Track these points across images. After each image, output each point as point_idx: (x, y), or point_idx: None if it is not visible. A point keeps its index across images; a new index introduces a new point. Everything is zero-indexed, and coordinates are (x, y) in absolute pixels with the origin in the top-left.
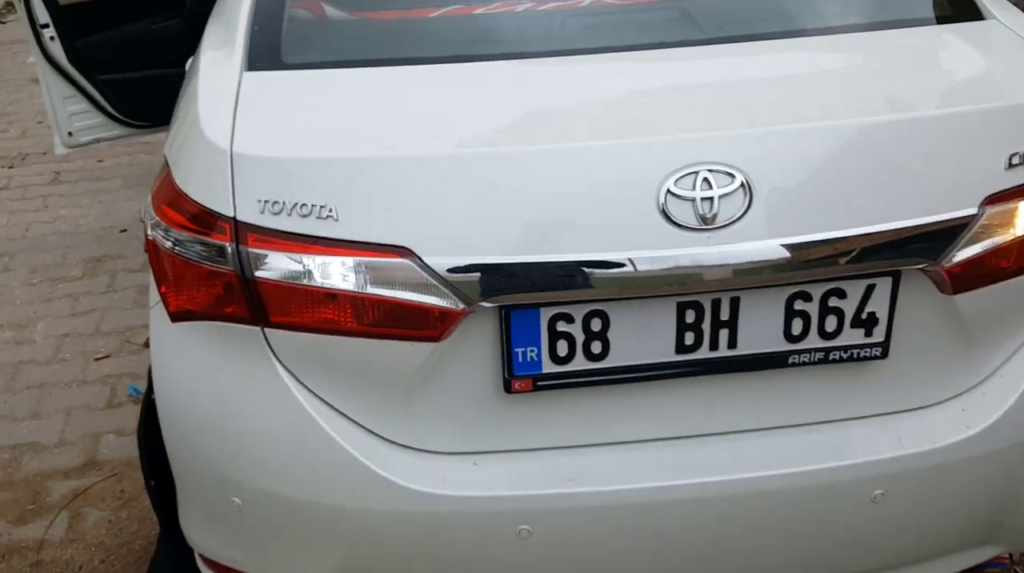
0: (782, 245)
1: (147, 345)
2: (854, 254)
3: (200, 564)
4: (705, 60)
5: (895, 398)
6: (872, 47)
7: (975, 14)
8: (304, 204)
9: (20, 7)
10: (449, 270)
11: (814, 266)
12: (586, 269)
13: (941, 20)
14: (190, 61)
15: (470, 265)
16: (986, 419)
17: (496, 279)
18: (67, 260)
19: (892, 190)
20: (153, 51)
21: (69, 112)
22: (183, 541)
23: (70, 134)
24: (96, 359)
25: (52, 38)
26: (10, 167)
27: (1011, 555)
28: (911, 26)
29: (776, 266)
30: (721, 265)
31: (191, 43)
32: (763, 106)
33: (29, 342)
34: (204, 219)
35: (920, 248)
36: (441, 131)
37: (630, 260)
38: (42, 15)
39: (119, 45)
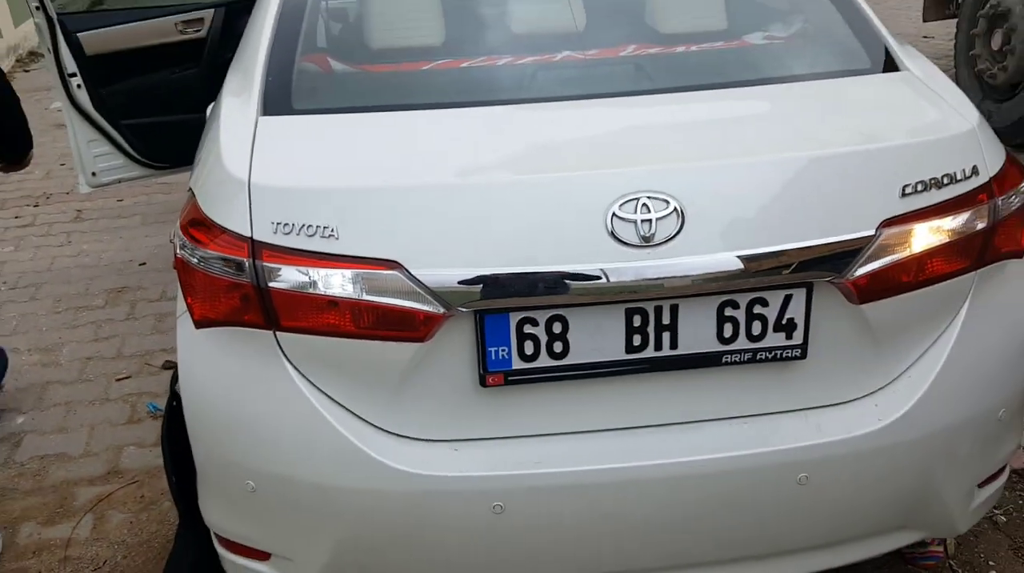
0: (709, 260)
1: (165, 367)
2: (772, 268)
3: (217, 544)
4: (649, 106)
5: (815, 394)
6: (795, 95)
7: (892, 66)
8: (310, 225)
9: (49, 57)
10: (432, 280)
11: (737, 278)
12: (547, 280)
13: (862, 72)
14: (211, 107)
15: (450, 276)
16: (895, 413)
17: (472, 288)
18: (90, 291)
19: (803, 214)
20: (172, 99)
21: (93, 154)
22: (200, 532)
23: (94, 174)
24: (118, 380)
25: (79, 86)
26: (35, 206)
27: (945, 548)
28: (834, 77)
29: (705, 277)
30: (659, 277)
31: (207, 91)
32: (695, 144)
33: (55, 364)
34: (226, 239)
35: (827, 263)
36: (426, 165)
37: (583, 272)
38: (70, 65)
39: (140, 93)
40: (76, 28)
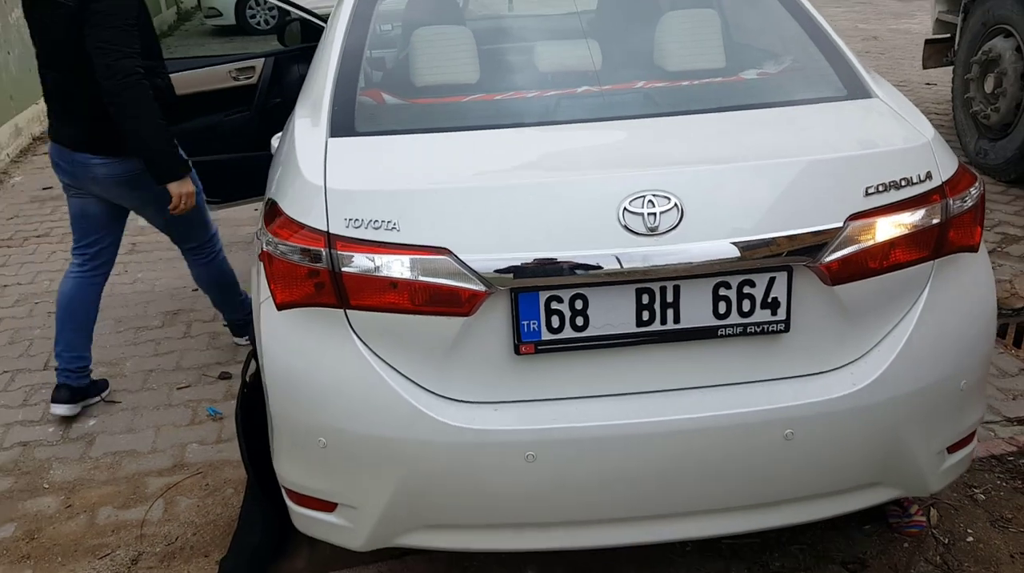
0: (704, 246)
1: (221, 377)
2: (757, 253)
3: (288, 500)
4: (654, 125)
5: (799, 364)
6: (780, 117)
7: (865, 94)
8: (375, 220)
9: None
10: (476, 264)
11: (728, 262)
12: (570, 263)
13: (838, 99)
14: (275, 137)
15: (491, 260)
16: (866, 379)
17: (509, 270)
18: (147, 313)
19: (782, 209)
20: (225, 139)
21: None
22: (264, 507)
23: None
24: (178, 388)
25: None
26: None
27: (928, 518)
28: (815, 103)
29: (700, 261)
30: (663, 262)
31: (258, 133)
32: (692, 152)
33: (120, 375)
34: (305, 234)
35: (804, 250)
36: (469, 171)
37: (600, 257)
38: None
39: (197, 133)
40: None
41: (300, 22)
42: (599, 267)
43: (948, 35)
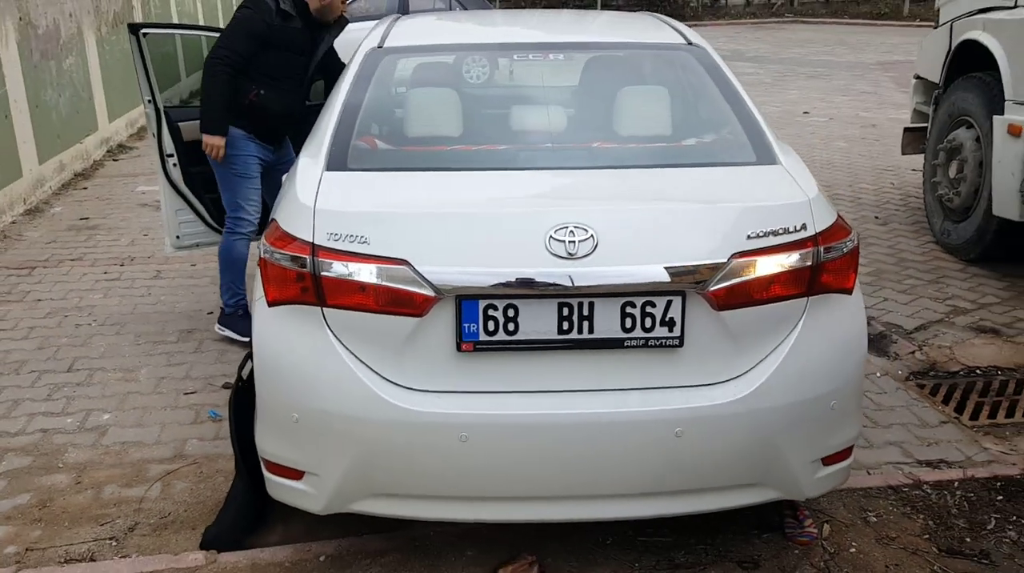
0: (613, 270)
1: (224, 386)
2: (656, 280)
3: (265, 470)
4: (590, 174)
5: (691, 376)
6: (695, 174)
7: (771, 161)
8: (351, 234)
9: (154, 140)
10: (429, 274)
11: (632, 284)
12: (505, 278)
13: (750, 163)
14: (285, 175)
15: (441, 272)
16: (745, 391)
17: (455, 280)
18: (165, 330)
19: (678, 244)
20: None
21: (179, 221)
22: (247, 482)
23: (178, 237)
24: (185, 394)
25: (175, 164)
26: (121, 265)
27: (820, 531)
28: (730, 166)
29: (609, 283)
30: (579, 281)
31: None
32: (613, 195)
33: (135, 380)
34: (296, 244)
35: (694, 279)
36: (431, 201)
37: (528, 274)
38: (169, 147)
39: None
40: (178, 118)
41: (324, 81)
42: (528, 282)
43: (924, 125)
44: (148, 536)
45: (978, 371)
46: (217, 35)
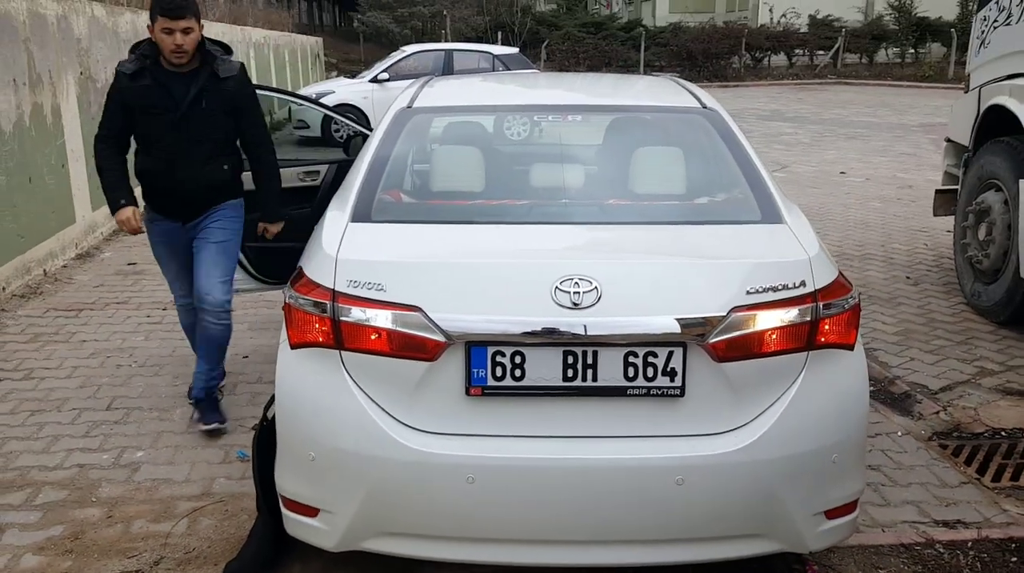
0: (616, 321)
1: (253, 428)
2: (658, 331)
3: (283, 508)
4: (602, 229)
5: (692, 425)
6: (702, 231)
7: (776, 220)
8: (369, 282)
9: None
10: (440, 321)
11: (635, 335)
12: (513, 326)
13: (756, 222)
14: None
15: (452, 319)
16: (745, 441)
17: (465, 327)
18: None
19: (680, 297)
20: (288, 230)
21: None
22: (267, 522)
23: None
24: (216, 434)
25: None
26: (164, 309)
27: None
28: (737, 223)
29: (613, 333)
30: (583, 331)
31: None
32: (619, 250)
33: (169, 420)
34: (319, 291)
35: (695, 332)
36: (446, 251)
37: (534, 323)
38: None
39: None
40: None
41: (362, 137)
42: (534, 331)
43: (955, 187)
44: (172, 570)
45: (1003, 433)
46: (287, 98)
